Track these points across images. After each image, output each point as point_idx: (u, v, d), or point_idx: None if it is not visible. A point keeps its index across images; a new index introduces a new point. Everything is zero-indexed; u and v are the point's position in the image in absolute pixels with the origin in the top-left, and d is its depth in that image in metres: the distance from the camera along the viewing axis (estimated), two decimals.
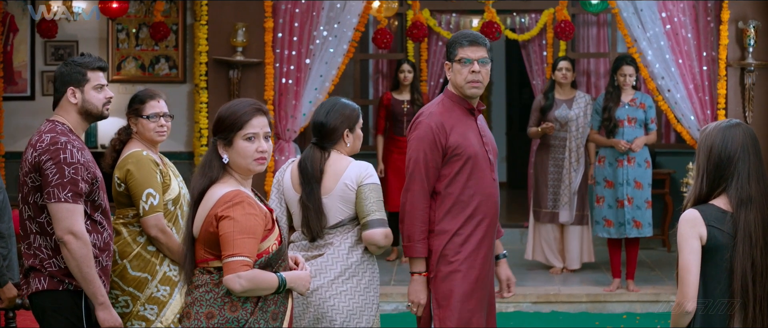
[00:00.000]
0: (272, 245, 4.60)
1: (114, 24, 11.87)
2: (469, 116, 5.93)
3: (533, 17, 13.36)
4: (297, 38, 10.49)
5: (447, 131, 5.80)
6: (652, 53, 10.45)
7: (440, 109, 5.90)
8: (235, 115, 4.61)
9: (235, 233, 4.43)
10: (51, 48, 11.95)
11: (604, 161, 10.45)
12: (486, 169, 5.88)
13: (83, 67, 5.57)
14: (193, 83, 11.08)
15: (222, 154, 4.63)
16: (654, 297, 10.23)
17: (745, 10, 10.34)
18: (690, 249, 4.60)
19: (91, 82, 5.57)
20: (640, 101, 10.33)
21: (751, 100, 10.32)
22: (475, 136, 5.89)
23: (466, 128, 5.87)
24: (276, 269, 4.62)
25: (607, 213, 10.42)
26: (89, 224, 5.46)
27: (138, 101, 6.23)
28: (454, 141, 5.80)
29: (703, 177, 4.71)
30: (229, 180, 4.63)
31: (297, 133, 10.58)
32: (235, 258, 4.42)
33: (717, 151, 4.69)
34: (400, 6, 12.99)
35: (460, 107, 5.92)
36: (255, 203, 4.54)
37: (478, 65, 5.82)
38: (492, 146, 6.00)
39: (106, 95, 5.61)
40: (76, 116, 5.58)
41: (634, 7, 10.49)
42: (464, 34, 5.93)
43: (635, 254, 10.46)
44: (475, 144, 5.85)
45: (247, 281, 4.42)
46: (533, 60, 13.22)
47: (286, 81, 10.49)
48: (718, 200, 4.68)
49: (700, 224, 4.61)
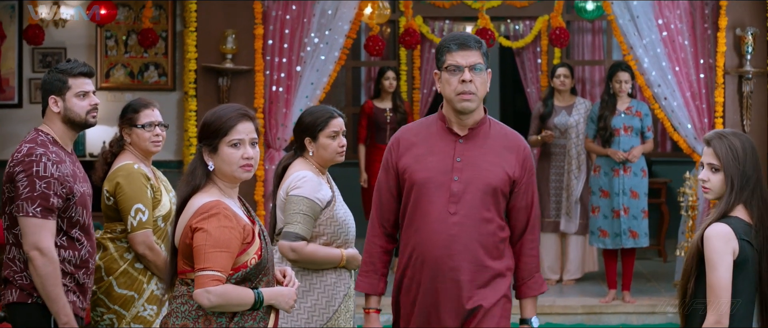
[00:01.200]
0: (251, 259, 4.45)
1: (102, 31, 11.73)
2: (448, 136, 4.98)
3: (528, 24, 13.28)
4: (287, 45, 10.40)
5: (400, 151, 5.03)
6: (648, 61, 10.36)
7: (414, 125, 5.15)
8: (220, 121, 4.49)
9: (207, 246, 4.31)
10: (39, 55, 11.82)
11: (600, 171, 10.35)
12: (438, 201, 4.89)
13: (64, 74, 5.42)
14: (183, 91, 10.96)
15: (207, 161, 4.51)
16: (650, 309, 10.14)
17: (742, 17, 10.26)
18: (726, 266, 4.56)
19: (73, 89, 5.42)
20: (636, 109, 10.24)
21: (749, 108, 10.23)
22: (439, 160, 4.94)
23: (429, 149, 4.97)
24: (256, 284, 4.48)
25: (602, 223, 10.33)
26: (65, 240, 5.34)
27: (131, 111, 6.09)
28: (404, 163, 5.00)
29: (735, 187, 4.66)
30: (212, 189, 4.50)
31: (287, 142, 10.45)
32: (206, 272, 4.29)
33: (748, 161, 4.65)
34: (393, 13, 12.89)
35: (437, 125, 5.03)
36: (232, 215, 4.41)
37: (469, 73, 4.86)
38: (471, 177, 4.91)
39: (90, 102, 5.45)
40: (61, 126, 5.45)
41: (630, 13, 10.40)
42: (453, 36, 4.95)
43: (631, 265, 10.39)
44: (431, 169, 4.93)
45: (216, 297, 4.29)
46: (528, 67, 13.15)
47: (276, 89, 10.40)
48: (738, 210, 4.65)
49: (733, 239, 4.57)
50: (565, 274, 11.21)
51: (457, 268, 4.87)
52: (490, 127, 5.03)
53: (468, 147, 4.94)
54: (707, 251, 4.58)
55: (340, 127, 5.79)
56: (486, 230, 4.92)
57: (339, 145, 5.77)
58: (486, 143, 4.97)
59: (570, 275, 11.19)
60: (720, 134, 4.74)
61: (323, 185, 5.72)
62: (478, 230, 4.89)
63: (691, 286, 4.68)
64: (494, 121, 5.08)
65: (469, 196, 4.88)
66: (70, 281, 5.35)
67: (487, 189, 4.90)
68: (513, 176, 4.97)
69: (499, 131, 5.05)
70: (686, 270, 4.70)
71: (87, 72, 5.48)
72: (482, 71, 4.90)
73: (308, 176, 5.66)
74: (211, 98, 10.19)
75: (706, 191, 4.77)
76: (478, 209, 4.89)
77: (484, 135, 4.98)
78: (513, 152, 5.00)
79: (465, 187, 4.88)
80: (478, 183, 4.89)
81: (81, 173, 5.48)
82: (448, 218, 4.87)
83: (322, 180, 5.75)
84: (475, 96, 4.88)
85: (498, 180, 4.93)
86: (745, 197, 4.64)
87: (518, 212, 5.04)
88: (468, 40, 4.91)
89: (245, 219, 4.50)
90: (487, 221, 4.92)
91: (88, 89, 5.46)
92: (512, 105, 18.15)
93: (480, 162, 4.92)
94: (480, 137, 4.97)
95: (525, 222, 5.06)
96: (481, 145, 4.96)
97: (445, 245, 4.86)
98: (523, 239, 5.08)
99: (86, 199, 5.44)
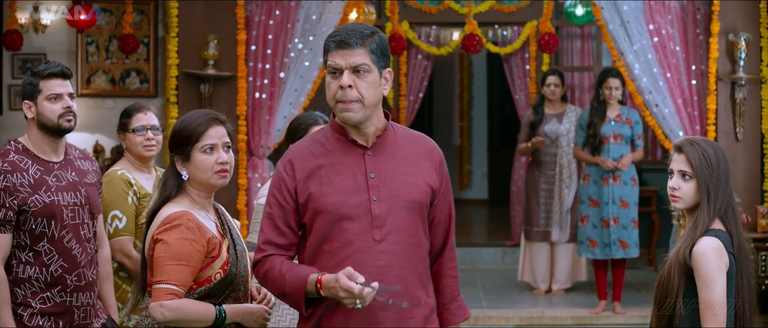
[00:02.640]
0: (216, 274, 4.29)
1: (83, 36, 11.58)
2: (352, 149, 4.14)
3: (516, 30, 13.16)
4: (271, 51, 10.35)
5: (297, 175, 4.12)
6: (639, 67, 10.30)
7: (307, 142, 4.23)
8: (190, 128, 4.36)
9: (165, 258, 4.18)
10: (18, 61, 11.70)
11: (589, 179, 10.25)
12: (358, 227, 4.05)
13: (36, 76, 5.19)
14: (165, 97, 10.81)
15: (180, 170, 4.38)
16: (641, 320, 10.04)
17: (735, 23, 10.22)
18: (723, 283, 4.45)
19: (44, 92, 5.17)
20: (626, 117, 10.14)
21: (742, 115, 10.18)
22: (349, 179, 4.09)
23: (332, 168, 4.11)
24: (222, 300, 4.32)
25: (591, 233, 10.23)
26: (31, 256, 5.11)
27: (125, 116, 5.98)
28: (305, 189, 4.09)
29: (711, 197, 4.55)
30: (183, 200, 4.36)
31: (271, 150, 10.41)
32: (161, 285, 4.16)
33: (721, 169, 4.56)
34: (379, 18, 12.73)
35: (334, 138, 4.18)
36: (196, 227, 4.25)
37: (349, 76, 4.02)
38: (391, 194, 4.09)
39: (63, 105, 5.18)
40: (37, 132, 5.22)
41: (621, 18, 10.36)
42: (337, 31, 4.11)
43: (622, 275, 10.30)
44: (341, 191, 4.07)
45: (169, 311, 4.14)
46: (516, 74, 13.05)
47: (259, 95, 10.35)
48: (716, 223, 4.55)
49: (724, 253, 4.47)
50: (554, 284, 11.10)
51: (390, 306, 4.04)
52: (397, 133, 4.23)
53: (379, 160, 4.13)
54: (702, 268, 4.45)
55: None
56: (417, 256, 4.14)
57: None
58: (399, 152, 4.17)
59: (559, 285, 11.07)
60: (691, 141, 4.61)
61: None
62: (409, 257, 4.09)
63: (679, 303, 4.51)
64: (398, 126, 4.29)
65: (394, 217, 4.07)
66: (39, 302, 5.11)
67: (413, 206, 4.11)
68: (433, 185, 4.20)
69: (408, 137, 4.26)
70: (670, 288, 4.52)
71: (59, 72, 5.21)
72: (367, 73, 4.04)
73: None
74: (193, 105, 10.08)
75: (675, 200, 4.63)
76: (406, 231, 4.09)
77: (393, 143, 4.18)
78: (428, 159, 4.22)
79: (387, 207, 4.06)
80: (400, 201, 4.09)
81: (65, 182, 5.21)
82: (373, 246, 4.03)
83: None
84: (359, 104, 4.03)
85: (420, 194, 4.15)
86: (722, 210, 4.54)
87: (437, 226, 4.25)
88: (350, 35, 4.05)
89: (214, 232, 4.35)
90: (417, 245, 4.14)
91: (60, 91, 5.19)
92: (499, 112, 18.07)
93: (397, 175, 4.12)
94: (390, 146, 4.17)
95: (444, 237, 4.30)
96: (393, 155, 4.15)
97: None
98: (443, 257, 4.31)
99: (59, 209, 5.14)
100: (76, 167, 5.31)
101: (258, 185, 10.18)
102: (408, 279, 4.08)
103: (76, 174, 5.27)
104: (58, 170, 5.22)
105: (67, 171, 5.25)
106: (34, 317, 5.10)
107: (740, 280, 4.55)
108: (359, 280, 3.84)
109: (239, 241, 4.46)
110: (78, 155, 5.39)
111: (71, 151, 5.37)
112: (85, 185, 5.28)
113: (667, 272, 4.55)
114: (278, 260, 4.10)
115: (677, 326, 4.53)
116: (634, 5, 10.28)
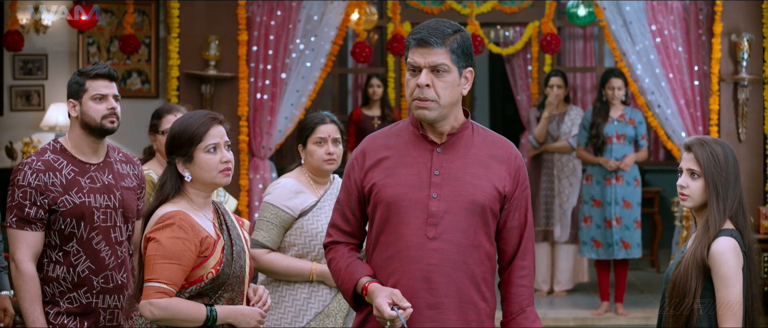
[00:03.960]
0: (208, 274, 4.30)
1: (84, 37, 11.55)
2: (422, 145, 4.14)
3: (518, 30, 13.18)
4: (272, 52, 10.31)
5: (367, 164, 4.18)
6: (641, 67, 10.27)
7: (383, 133, 4.27)
8: (192, 128, 4.38)
9: (156, 256, 4.21)
10: (19, 62, 11.65)
11: (592, 179, 10.24)
12: (413, 222, 4.03)
13: (83, 76, 5.25)
14: (166, 98, 10.79)
15: (183, 172, 4.39)
16: (644, 321, 10.05)
17: (737, 23, 10.20)
18: (740, 281, 4.50)
19: (89, 92, 5.21)
20: (629, 117, 10.13)
21: (745, 116, 10.15)
22: (413, 173, 4.09)
23: (400, 161, 4.13)
24: (215, 300, 4.34)
25: (594, 233, 10.22)
26: (60, 256, 5.18)
27: (155, 117, 6.12)
28: (370, 178, 4.15)
29: (720, 195, 4.59)
30: (181, 201, 4.38)
31: (272, 151, 10.39)
32: (152, 284, 4.20)
33: (730, 169, 4.59)
34: (380, 18, 12.73)
35: (408, 132, 4.19)
36: (189, 227, 4.27)
37: (427, 76, 4.02)
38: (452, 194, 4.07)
39: (108, 106, 5.22)
40: (80, 132, 5.27)
41: (623, 19, 10.33)
42: (419, 28, 4.09)
43: (624, 276, 10.29)
44: (403, 184, 4.08)
45: (159, 310, 4.19)
46: (518, 75, 13.06)
47: (261, 96, 10.32)
48: (727, 224, 4.59)
49: (740, 253, 4.52)
50: (555, 285, 11.09)
51: (439, 305, 4.03)
52: (474, 133, 4.20)
53: (448, 157, 4.11)
54: (722, 267, 4.50)
55: (327, 133, 5.51)
56: (474, 258, 4.08)
57: (326, 152, 5.48)
58: (469, 153, 4.13)
59: (561, 286, 11.06)
60: (701, 140, 4.67)
61: (304, 194, 5.47)
62: (464, 258, 4.05)
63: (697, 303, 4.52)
64: (479, 127, 4.25)
65: (452, 217, 4.04)
66: (66, 302, 5.17)
67: (474, 208, 4.07)
68: (503, 190, 4.13)
69: (486, 138, 4.21)
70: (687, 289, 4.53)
71: (106, 74, 5.25)
72: (446, 73, 4.04)
73: (283, 183, 5.49)
74: (195, 106, 9.99)
75: (683, 198, 4.68)
76: (463, 232, 4.05)
77: (466, 143, 4.15)
78: (503, 163, 4.17)
79: (446, 206, 4.04)
80: (461, 201, 4.05)
81: (99, 184, 5.24)
82: (426, 243, 4.02)
83: (307, 189, 5.50)
84: (434, 104, 4.04)
85: (486, 196, 4.09)
86: (732, 210, 4.58)
87: (509, 233, 4.19)
88: (432, 34, 4.03)
89: (209, 231, 4.36)
90: (474, 247, 4.08)
91: (105, 92, 5.23)
92: (502, 112, 18.04)
93: (463, 175, 4.09)
94: (462, 146, 4.14)
95: (516, 245, 4.21)
96: (463, 155, 4.12)
97: (423, 276, 4.01)
98: (514, 266, 4.22)
99: (90, 211, 5.18)
100: (115, 170, 5.34)
101: (260, 185, 10.17)
102: (460, 281, 4.05)
103: (113, 177, 5.30)
104: (94, 172, 5.26)
105: (104, 173, 5.29)
106: (59, 316, 5.17)
107: (749, 280, 4.58)
108: (404, 305, 3.91)
109: (238, 241, 4.46)
110: (120, 158, 5.42)
111: (112, 154, 5.41)
112: (121, 189, 5.31)
113: (684, 273, 4.56)
114: (341, 251, 4.22)
115: (695, 326, 4.55)
116: (637, 6, 10.26)
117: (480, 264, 4.10)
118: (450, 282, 4.03)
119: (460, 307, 4.06)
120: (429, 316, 4.02)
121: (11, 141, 11.26)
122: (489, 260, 4.14)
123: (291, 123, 10.21)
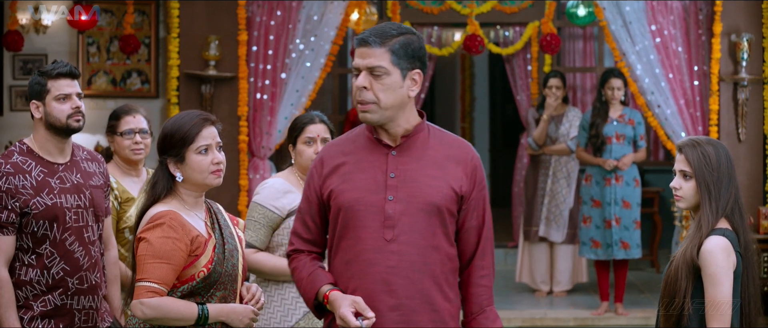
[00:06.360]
0: (199, 272, 4.32)
1: (84, 37, 11.55)
2: (377, 148, 4.10)
3: (518, 30, 13.14)
4: (272, 52, 10.31)
5: (325, 172, 4.13)
6: (641, 67, 10.28)
7: (340, 141, 4.23)
8: (184, 129, 4.38)
9: (146, 256, 4.23)
10: (19, 62, 11.65)
11: (591, 180, 10.24)
12: (370, 226, 4.01)
13: (44, 76, 5.17)
14: (166, 98, 10.79)
15: (174, 172, 4.40)
16: (644, 321, 10.04)
17: (737, 23, 10.20)
18: (729, 282, 4.47)
19: (52, 92, 5.16)
20: (628, 117, 10.13)
21: (745, 116, 10.16)
22: (369, 177, 4.06)
23: (356, 166, 4.09)
24: (206, 299, 4.35)
25: (594, 234, 10.21)
26: (33, 259, 5.09)
27: (113, 118, 5.94)
28: (328, 185, 4.10)
29: (712, 195, 4.57)
30: (172, 201, 4.39)
31: (272, 151, 10.38)
32: (142, 283, 4.22)
33: (722, 168, 4.57)
34: (380, 18, 12.70)
35: (364, 137, 4.15)
36: (179, 226, 4.29)
37: (365, 78, 3.99)
38: (408, 195, 4.03)
39: (72, 105, 5.17)
40: (45, 133, 5.19)
41: (623, 19, 10.34)
42: (366, 29, 4.06)
43: (624, 276, 10.29)
44: (359, 188, 4.05)
45: (150, 309, 4.21)
46: (518, 75, 13.03)
47: (260, 96, 10.32)
48: (722, 222, 4.57)
49: (732, 252, 4.49)
50: (555, 285, 11.08)
51: (401, 307, 3.99)
52: (430, 135, 4.14)
53: (403, 160, 4.06)
54: (710, 267, 4.48)
55: (316, 133, 5.48)
56: (434, 259, 4.05)
57: (315, 152, 5.42)
58: (425, 154, 4.08)
59: (560, 286, 11.05)
60: (693, 141, 4.68)
61: (292, 194, 5.42)
62: (424, 259, 4.03)
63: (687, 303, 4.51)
64: (435, 128, 4.19)
65: (408, 218, 4.01)
66: (40, 305, 5.10)
67: (430, 209, 4.03)
68: (460, 191, 4.08)
69: (442, 139, 4.15)
70: (678, 288, 4.54)
71: (68, 72, 5.20)
72: (387, 76, 3.98)
73: (271, 183, 5.47)
74: (194, 106, 10.04)
75: (678, 199, 4.70)
76: (421, 233, 4.02)
77: (422, 145, 4.10)
78: (459, 163, 4.11)
79: (403, 208, 4.00)
80: (417, 202, 4.01)
81: (69, 184, 5.19)
82: (384, 246, 3.99)
83: (296, 189, 5.45)
84: (375, 106, 3.98)
85: (442, 197, 4.04)
86: (728, 209, 4.57)
87: (467, 233, 4.14)
88: (372, 34, 4.00)
89: (200, 230, 4.37)
90: (434, 248, 4.05)
91: (68, 91, 5.18)
92: (501, 112, 18.04)
93: (419, 177, 4.04)
94: (417, 148, 4.09)
95: (474, 245, 4.16)
96: (418, 156, 4.07)
97: (382, 279, 3.97)
98: (473, 266, 4.16)
99: (62, 212, 5.12)
100: (82, 168, 5.28)
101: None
102: (422, 282, 4.02)
103: (81, 176, 5.25)
104: (63, 172, 5.20)
105: (72, 173, 5.22)
106: (33, 321, 5.09)
107: (746, 279, 4.57)
108: (368, 314, 3.90)
109: (230, 240, 4.46)
110: (85, 157, 5.36)
111: (78, 153, 5.34)
112: (90, 188, 5.26)
113: (674, 273, 4.57)
114: (303, 260, 4.18)
115: (685, 326, 4.55)
116: (636, 6, 10.26)
117: (441, 264, 4.07)
118: (411, 284, 4.00)
119: (422, 308, 4.02)
120: (391, 318, 3.99)
121: (11, 141, 11.24)
122: (450, 261, 4.11)
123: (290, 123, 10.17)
